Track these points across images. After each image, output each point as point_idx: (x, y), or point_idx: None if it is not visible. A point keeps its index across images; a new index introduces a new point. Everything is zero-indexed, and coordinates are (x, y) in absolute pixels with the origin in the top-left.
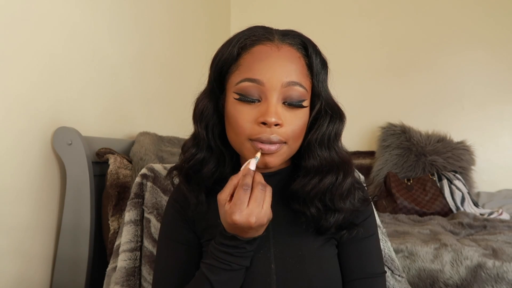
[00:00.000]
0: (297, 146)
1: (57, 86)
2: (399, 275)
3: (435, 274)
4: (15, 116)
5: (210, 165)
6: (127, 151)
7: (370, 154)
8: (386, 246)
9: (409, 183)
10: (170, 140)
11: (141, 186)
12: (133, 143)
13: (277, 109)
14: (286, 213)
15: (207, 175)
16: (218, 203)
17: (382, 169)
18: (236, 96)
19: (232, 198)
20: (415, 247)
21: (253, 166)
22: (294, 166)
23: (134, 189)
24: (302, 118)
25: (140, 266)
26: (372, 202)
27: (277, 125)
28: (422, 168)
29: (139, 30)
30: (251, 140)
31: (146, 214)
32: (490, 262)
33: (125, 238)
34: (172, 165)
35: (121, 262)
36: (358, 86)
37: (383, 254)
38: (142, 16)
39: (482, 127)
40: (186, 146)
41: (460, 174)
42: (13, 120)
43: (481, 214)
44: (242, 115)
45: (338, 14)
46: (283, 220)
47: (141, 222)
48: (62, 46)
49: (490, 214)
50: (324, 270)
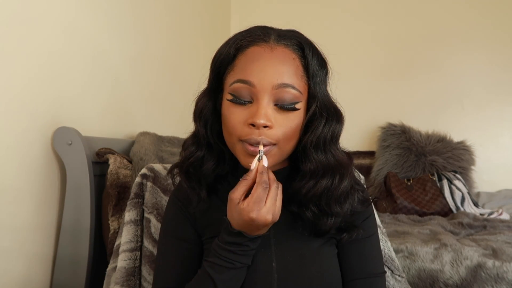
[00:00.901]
0: (289, 148)
1: (57, 86)
2: (399, 275)
3: (435, 274)
4: (15, 116)
5: (210, 162)
6: (127, 151)
7: (370, 154)
8: (386, 246)
9: (409, 183)
10: (170, 140)
11: (141, 186)
12: (133, 143)
13: (267, 111)
14: (285, 213)
15: (208, 172)
16: (230, 202)
17: (382, 169)
18: (229, 97)
19: (245, 196)
20: (415, 247)
21: (265, 162)
22: (292, 167)
23: (134, 189)
24: (294, 120)
25: (140, 266)
26: (372, 202)
27: (266, 127)
28: (422, 168)
29: (139, 30)
30: (241, 141)
31: (146, 214)
32: (490, 262)
33: (125, 238)
34: (171, 165)
35: (121, 262)
36: (358, 86)
37: (383, 254)
38: (143, 16)
39: (482, 127)
40: (186, 144)
41: (460, 174)
42: (13, 120)
43: (481, 214)
44: (233, 116)
45: (338, 14)
46: (283, 219)
47: (141, 222)
48: (62, 46)
49: (490, 214)
50: (324, 269)
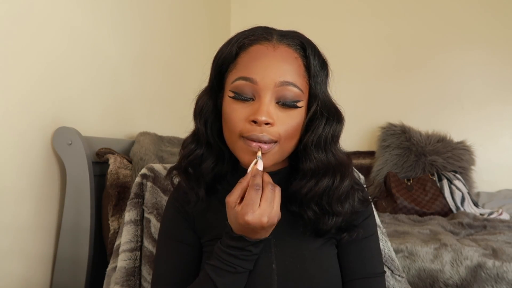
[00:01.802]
0: (290, 146)
1: (57, 86)
2: (399, 275)
3: (435, 274)
4: (15, 116)
5: (209, 161)
6: (127, 151)
7: (370, 154)
8: (386, 246)
9: (409, 183)
10: (170, 140)
11: (141, 186)
12: (133, 143)
13: (269, 108)
14: (286, 213)
15: (206, 171)
16: (227, 205)
17: (382, 169)
18: (231, 94)
19: (241, 200)
20: (415, 247)
21: (260, 166)
22: (292, 167)
23: (134, 189)
24: (296, 118)
25: (140, 266)
26: (372, 202)
27: (267, 124)
28: (422, 168)
29: (140, 30)
30: (243, 137)
31: (146, 214)
32: (490, 262)
33: (125, 238)
34: (171, 165)
35: (121, 262)
36: (358, 86)
37: (383, 254)
38: (143, 16)
39: (482, 127)
40: (186, 142)
41: (460, 174)
42: (13, 120)
43: (481, 214)
44: (235, 113)
45: (338, 15)
46: (283, 220)
47: (141, 222)
48: (62, 46)
49: (490, 214)
50: (324, 270)
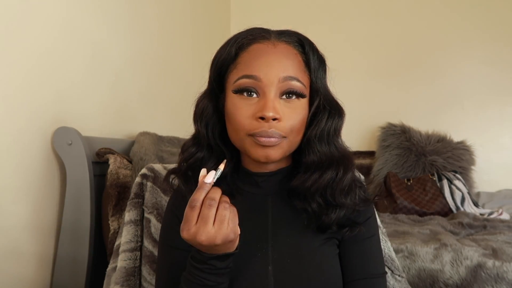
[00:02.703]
0: (297, 141)
1: (57, 86)
2: (399, 275)
3: (435, 274)
4: (15, 116)
5: (209, 163)
6: (127, 151)
7: (370, 154)
8: (386, 246)
9: (409, 183)
10: (170, 140)
11: (141, 186)
12: (133, 143)
13: (274, 104)
14: (287, 212)
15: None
16: (185, 214)
17: (382, 169)
18: (234, 93)
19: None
20: (415, 247)
21: (209, 179)
22: (294, 165)
23: (134, 189)
24: (301, 113)
25: (140, 266)
26: (373, 202)
27: (275, 119)
28: (422, 168)
29: (140, 30)
30: (250, 135)
31: (146, 214)
32: (490, 262)
33: (125, 238)
34: (171, 165)
35: (121, 262)
36: (358, 86)
37: (383, 254)
38: (143, 16)
39: (482, 127)
40: (185, 146)
41: (460, 174)
42: (13, 120)
43: (481, 214)
44: (241, 111)
45: (338, 15)
46: (284, 220)
47: (141, 222)
48: (62, 46)
49: (490, 214)
50: (323, 270)
